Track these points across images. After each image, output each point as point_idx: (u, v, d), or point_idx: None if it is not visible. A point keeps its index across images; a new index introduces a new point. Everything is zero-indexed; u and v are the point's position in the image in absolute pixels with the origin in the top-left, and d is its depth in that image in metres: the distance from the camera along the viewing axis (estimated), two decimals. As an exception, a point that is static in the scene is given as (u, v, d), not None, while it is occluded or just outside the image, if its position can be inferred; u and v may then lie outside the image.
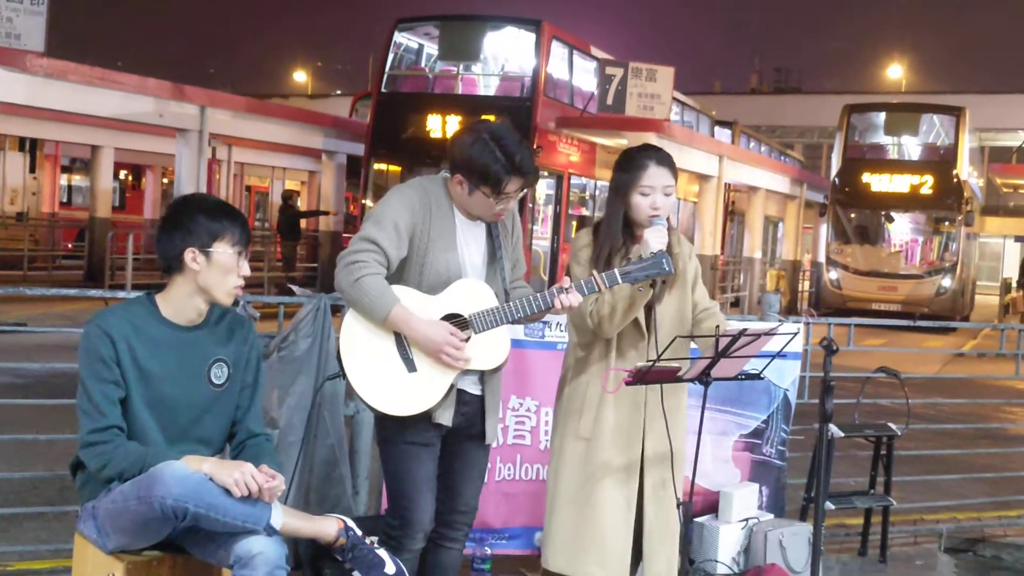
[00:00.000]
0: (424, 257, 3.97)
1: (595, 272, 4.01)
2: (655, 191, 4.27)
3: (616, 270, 3.99)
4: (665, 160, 4.32)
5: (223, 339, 3.81)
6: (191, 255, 3.64)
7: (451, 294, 3.97)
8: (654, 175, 4.27)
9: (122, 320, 3.63)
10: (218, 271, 3.67)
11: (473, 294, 4.00)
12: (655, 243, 4.14)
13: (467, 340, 3.94)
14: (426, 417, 3.97)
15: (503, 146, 3.90)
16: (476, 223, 4.11)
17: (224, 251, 3.67)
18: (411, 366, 3.91)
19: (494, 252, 4.13)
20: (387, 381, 3.91)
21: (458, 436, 4.13)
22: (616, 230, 4.32)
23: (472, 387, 4.10)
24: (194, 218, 3.66)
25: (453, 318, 3.95)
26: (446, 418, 4.00)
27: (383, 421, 4.04)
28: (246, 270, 3.76)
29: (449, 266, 3.99)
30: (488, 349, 4.01)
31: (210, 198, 3.84)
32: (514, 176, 3.92)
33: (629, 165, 4.32)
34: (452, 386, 3.98)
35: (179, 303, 3.71)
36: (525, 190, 4.09)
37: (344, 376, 3.94)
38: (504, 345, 4.07)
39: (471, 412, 4.12)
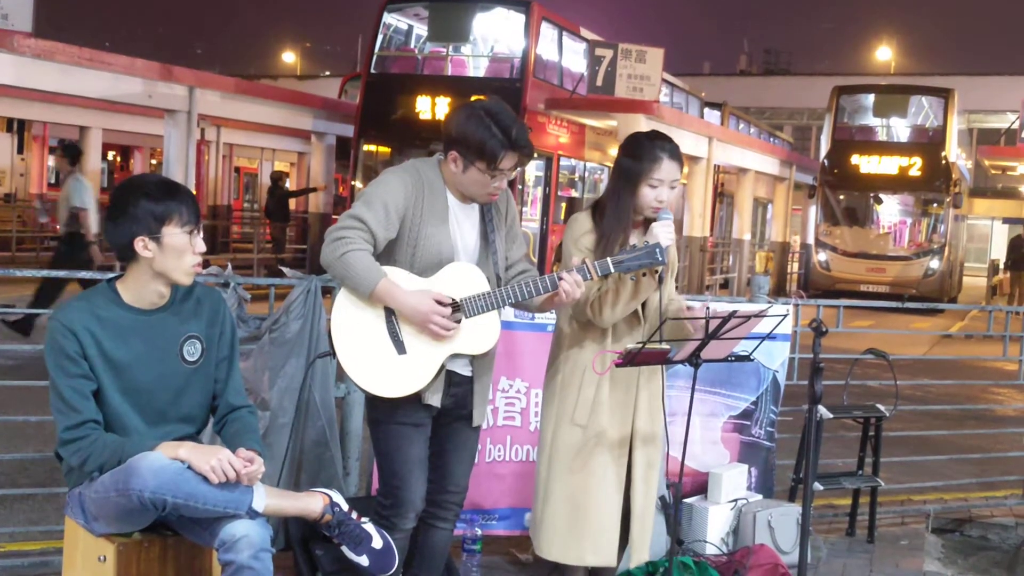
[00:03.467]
0: (416, 239, 3.97)
1: (587, 260, 4.01)
2: (663, 184, 4.26)
3: (609, 259, 4.00)
4: (677, 154, 4.31)
5: (191, 315, 3.76)
6: (141, 243, 3.56)
7: (443, 277, 3.98)
8: (667, 169, 4.26)
9: (83, 312, 3.57)
10: (172, 254, 3.59)
11: (465, 277, 4.00)
12: (664, 239, 4.13)
13: (457, 323, 3.95)
14: (416, 398, 3.98)
15: (499, 121, 3.92)
16: (470, 205, 4.11)
17: (174, 233, 3.58)
18: (401, 348, 3.92)
19: (487, 235, 4.13)
20: (377, 363, 3.92)
21: (449, 417, 4.15)
22: (626, 219, 4.29)
23: (463, 368, 4.11)
24: (137, 204, 3.56)
25: None
26: (436, 399, 4.02)
27: (374, 402, 4.05)
28: (201, 247, 3.66)
29: (441, 249, 4.00)
30: (478, 333, 4.01)
31: (151, 179, 3.72)
32: (510, 151, 3.93)
33: (642, 155, 4.28)
34: (442, 367, 3.99)
35: (139, 289, 3.65)
36: (519, 168, 4.09)
37: (335, 356, 3.95)
38: (494, 330, 4.07)
39: (461, 394, 4.13)
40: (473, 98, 4.07)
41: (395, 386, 3.94)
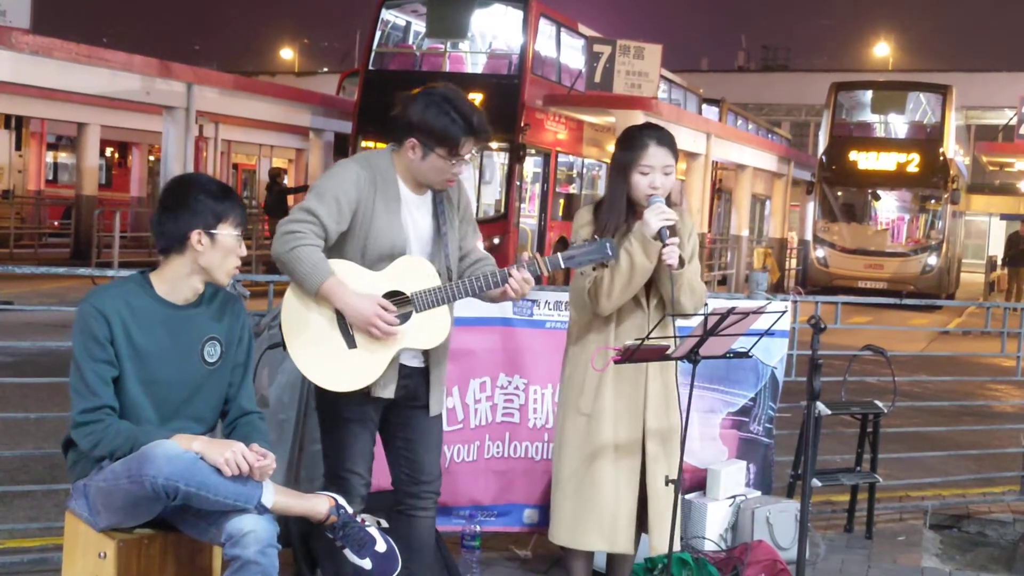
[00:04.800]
0: (368, 231, 3.98)
1: (537, 255, 4.05)
2: (654, 170, 4.31)
3: (559, 255, 4.04)
4: (666, 140, 4.37)
5: (216, 317, 3.82)
6: (197, 236, 3.65)
7: (394, 271, 3.98)
8: (654, 155, 4.31)
9: (116, 298, 3.63)
10: (220, 252, 3.69)
11: (416, 271, 4.01)
12: (655, 222, 4.20)
13: (407, 318, 3.96)
14: (365, 391, 4.00)
15: (457, 108, 3.96)
16: (422, 197, 4.12)
17: (228, 233, 3.70)
18: (351, 342, 3.93)
19: (439, 227, 4.15)
20: (327, 356, 3.93)
21: (406, 409, 4.17)
22: (618, 209, 4.37)
23: (412, 360, 4.11)
24: (199, 199, 3.66)
25: (395, 295, 3.96)
26: (387, 392, 4.04)
27: (323, 394, 4.08)
28: (244, 251, 3.78)
29: (394, 241, 4.01)
30: (428, 328, 4.01)
31: (208, 179, 3.85)
32: (471, 136, 3.98)
33: (630, 144, 4.37)
34: (392, 362, 3.99)
35: (176, 282, 3.72)
36: (474, 153, 4.13)
37: (285, 349, 3.96)
38: (445, 324, 4.06)
39: (413, 384, 4.14)
40: (472, 95, 4.09)
41: (345, 380, 3.95)
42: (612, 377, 4.39)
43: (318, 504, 3.77)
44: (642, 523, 4.46)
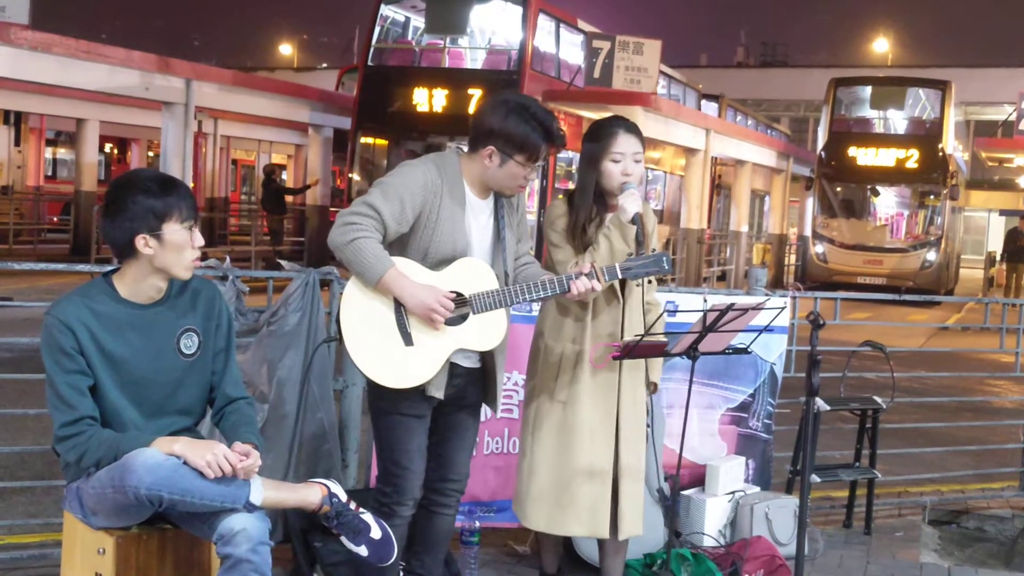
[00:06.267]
0: (432, 234, 4.00)
1: (595, 265, 4.08)
2: (625, 157, 4.42)
3: (617, 265, 4.11)
4: (633, 128, 4.49)
5: (188, 308, 3.74)
6: (142, 241, 3.53)
7: (453, 272, 4.01)
8: (624, 142, 4.43)
9: (80, 307, 3.54)
10: (172, 250, 3.57)
11: (475, 273, 4.05)
12: (631, 207, 4.31)
13: (464, 319, 3.98)
14: (419, 390, 4.02)
15: (536, 115, 4.00)
16: (484, 201, 4.16)
17: (175, 230, 3.56)
18: (408, 340, 3.95)
19: (500, 231, 4.17)
20: (384, 353, 3.95)
21: (450, 407, 4.20)
22: (590, 199, 4.46)
23: (464, 360, 4.15)
24: (137, 201, 3.52)
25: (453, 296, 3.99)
26: (439, 392, 4.05)
27: (377, 391, 4.09)
28: (199, 241, 3.64)
29: (456, 244, 4.04)
30: (485, 330, 4.06)
31: (149, 175, 3.65)
32: (550, 143, 4.03)
33: (599, 134, 4.47)
34: (447, 361, 4.02)
35: (137, 284, 3.63)
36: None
37: (342, 343, 3.97)
38: (501, 327, 4.11)
39: (463, 384, 4.18)
40: (468, 91, 4.12)
41: (401, 377, 3.97)
42: (587, 366, 4.48)
43: (310, 495, 3.75)
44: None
